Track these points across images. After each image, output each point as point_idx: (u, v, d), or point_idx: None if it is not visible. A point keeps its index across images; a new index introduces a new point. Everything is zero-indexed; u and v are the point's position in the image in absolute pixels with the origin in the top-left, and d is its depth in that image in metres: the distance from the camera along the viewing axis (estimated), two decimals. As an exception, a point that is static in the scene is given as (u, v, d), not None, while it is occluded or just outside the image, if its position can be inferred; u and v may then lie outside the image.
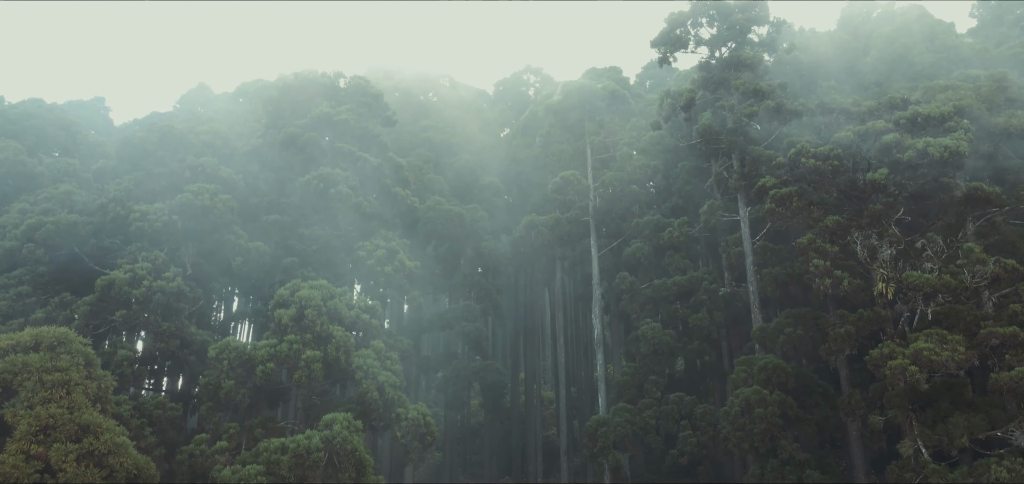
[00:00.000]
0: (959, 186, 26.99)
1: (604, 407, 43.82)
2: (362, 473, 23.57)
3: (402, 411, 26.02)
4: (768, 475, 30.00)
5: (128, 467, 21.04)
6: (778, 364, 31.27)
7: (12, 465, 19.41)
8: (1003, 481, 21.35)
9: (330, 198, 33.58)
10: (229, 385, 24.42)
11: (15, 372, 21.30)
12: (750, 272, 34.11)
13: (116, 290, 25.73)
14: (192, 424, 30.37)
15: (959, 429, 24.78)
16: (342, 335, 25.47)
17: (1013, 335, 24.25)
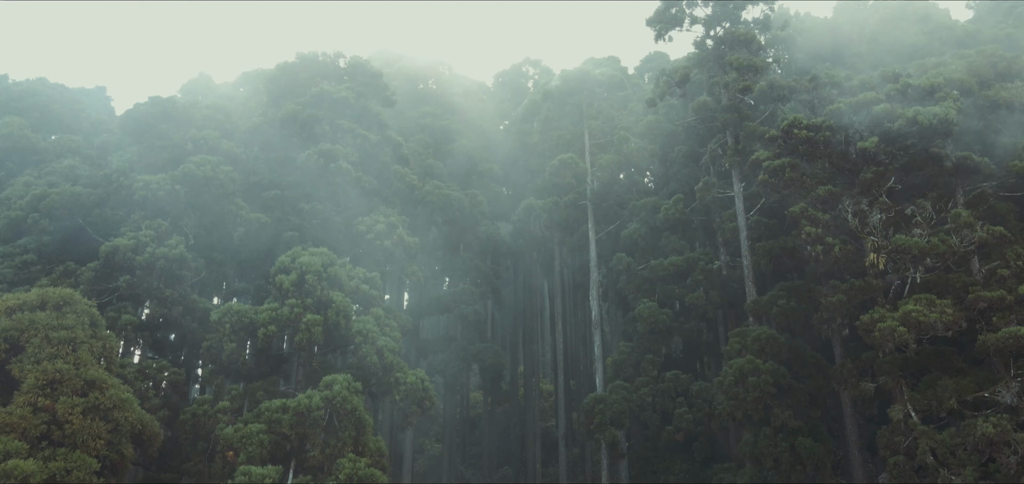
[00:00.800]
0: (949, 157, 27.44)
1: (601, 387, 44.25)
2: (362, 432, 24.03)
3: (401, 376, 26.48)
4: (761, 443, 30.44)
5: (132, 421, 21.52)
6: (771, 335, 31.73)
7: (19, 415, 19.89)
8: (989, 435, 21.80)
9: (331, 173, 34.03)
10: (231, 348, 24.90)
11: (22, 329, 21.78)
12: (744, 246, 34.58)
13: (120, 256, 26.20)
14: (194, 394, 30.83)
15: (948, 392, 25.23)
16: (342, 300, 25.94)
17: (1000, 298, 24.72)
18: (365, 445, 23.95)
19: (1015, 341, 23.08)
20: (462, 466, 62.86)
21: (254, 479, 21.29)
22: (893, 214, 26.46)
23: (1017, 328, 23.08)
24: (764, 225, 35.13)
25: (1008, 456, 21.33)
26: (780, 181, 28.79)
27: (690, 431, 37.79)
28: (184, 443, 24.51)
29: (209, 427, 23.82)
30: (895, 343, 24.14)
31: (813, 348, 34.11)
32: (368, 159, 36.56)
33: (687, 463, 40.43)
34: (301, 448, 23.79)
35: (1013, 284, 24.89)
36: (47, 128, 35.71)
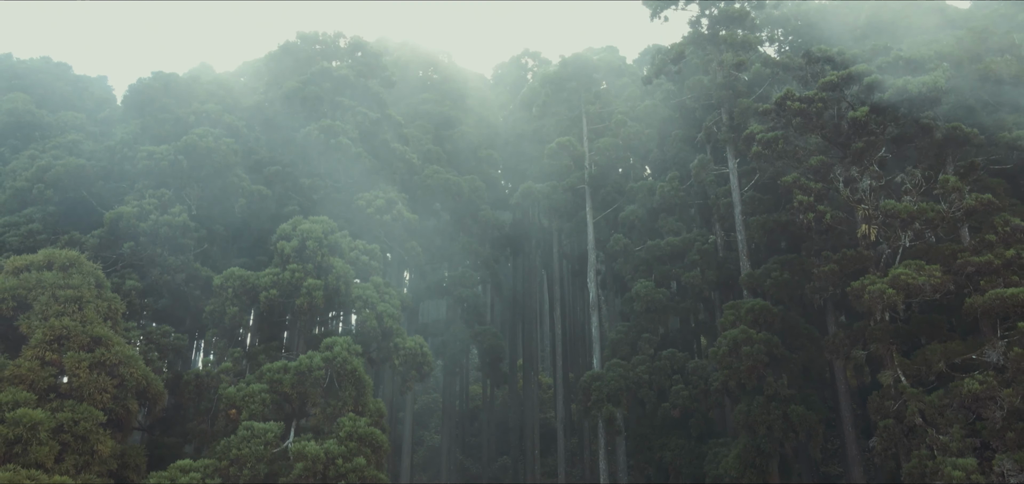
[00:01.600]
0: (939, 127, 27.92)
1: (599, 367, 44.72)
2: (362, 393, 24.52)
3: (400, 341, 26.96)
4: (754, 411, 30.92)
5: (138, 377, 21.99)
6: (764, 306, 32.23)
7: (28, 368, 20.37)
8: (975, 392, 22.30)
9: (331, 150, 34.50)
10: (233, 311, 25.37)
11: (29, 288, 22.25)
12: (738, 222, 35.07)
13: (124, 223, 26.68)
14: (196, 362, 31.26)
15: (936, 355, 25.75)
16: (342, 266, 26.42)
17: (987, 263, 25.22)
18: (365, 405, 24.45)
19: (1001, 302, 23.57)
20: (461, 456, 63.31)
21: (256, 433, 21.80)
22: (883, 183, 26.94)
23: (1003, 290, 23.56)
24: (758, 200, 35.63)
25: (994, 411, 21.83)
26: (773, 152, 29.28)
27: (686, 407, 38.21)
28: (187, 404, 25.00)
29: (212, 388, 24.30)
30: (884, 305, 24.62)
31: (806, 321, 34.63)
32: (368, 137, 37.02)
33: (683, 439, 40.90)
34: (302, 408, 24.29)
35: (1000, 249, 25.38)
36: (50, 106, 36.16)
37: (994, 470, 21.14)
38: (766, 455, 30.75)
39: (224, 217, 31.68)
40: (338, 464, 22.03)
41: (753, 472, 31.43)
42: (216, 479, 20.91)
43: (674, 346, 42.15)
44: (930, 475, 22.34)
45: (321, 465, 21.73)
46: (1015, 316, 23.14)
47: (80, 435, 19.88)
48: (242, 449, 21.17)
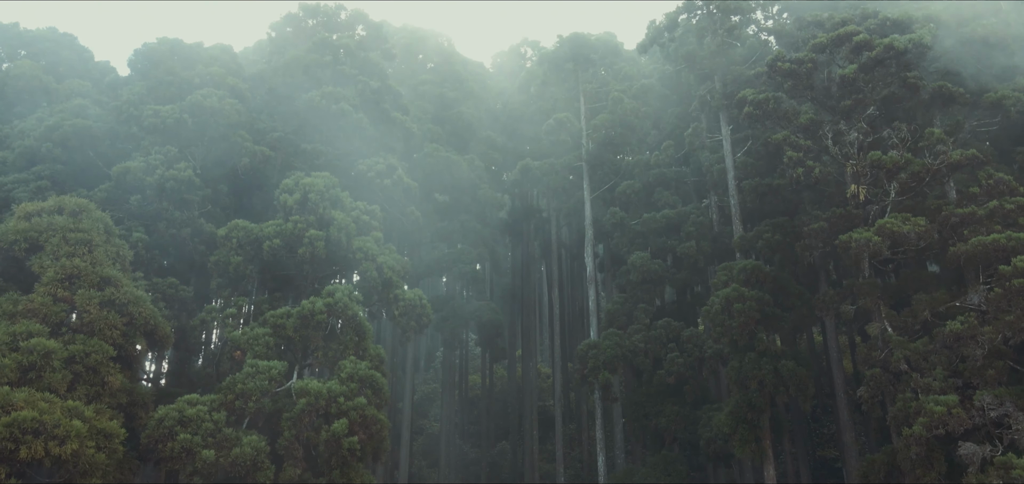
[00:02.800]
0: (925, 86, 28.63)
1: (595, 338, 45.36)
2: (362, 338, 25.25)
3: (400, 292, 27.71)
4: (746, 367, 31.60)
5: (146, 316, 22.71)
6: (756, 265, 32.94)
7: (40, 303, 21.09)
8: (957, 331, 23.02)
9: (333, 117, 35.20)
10: (237, 260, 26.08)
11: (41, 231, 22.98)
12: (731, 186, 35.81)
13: (131, 177, 27.40)
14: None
15: (922, 305, 26.46)
16: (343, 218, 27.15)
17: (971, 214, 25.96)
18: (366, 350, 25.18)
19: (983, 249, 24.28)
20: (460, 441, 64.01)
21: (261, 370, 22.53)
22: (871, 139, 27.67)
23: (985, 237, 24.27)
24: (751, 166, 36.36)
25: (974, 349, 22.54)
26: (764, 113, 29.99)
27: (681, 375, 38.86)
28: (193, 350, 25.71)
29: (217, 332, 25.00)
30: (870, 253, 25.34)
31: (798, 282, 35.35)
32: (370, 106, 37.73)
33: (678, 405, 41.60)
34: (305, 351, 25.01)
35: (983, 200, 26.12)
36: (57, 74, 36.85)
37: (974, 405, 21.85)
38: (757, 409, 31.43)
39: (228, 178, 32.39)
40: (340, 402, 22.75)
41: (745, 428, 32.11)
42: (222, 412, 21.62)
43: (670, 317, 42.90)
44: (913, 414, 23.03)
45: (323, 401, 22.44)
46: (997, 262, 23.84)
47: (91, 367, 20.59)
48: (247, 384, 21.90)
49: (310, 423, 22.26)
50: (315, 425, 22.42)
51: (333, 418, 22.45)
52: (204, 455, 20.33)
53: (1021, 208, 25.46)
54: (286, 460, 22.04)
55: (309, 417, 22.17)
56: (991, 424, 21.63)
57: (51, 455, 17.54)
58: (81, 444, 17.98)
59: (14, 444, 17.09)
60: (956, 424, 21.63)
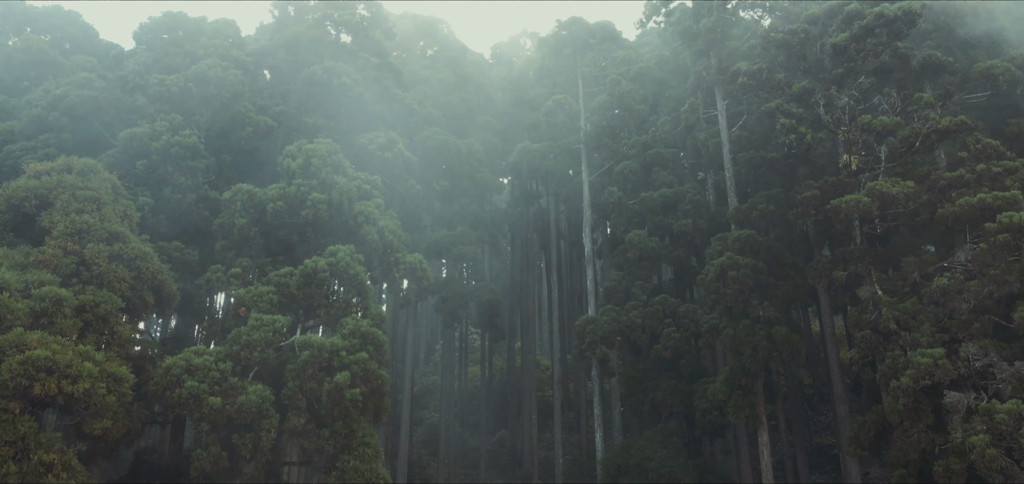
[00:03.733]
0: (915, 55, 29.21)
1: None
2: (364, 297, 25.85)
3: (400, 256, 28.29)
4: (740, 334, 32.21)
5: (153, 271, 23.30)
6: (751, 235, 33.54)
7: (51, 255, 21.68)
8: (944, 287, 23.61)
9: (334, 92, 35.77)
10: (242, 223, 26.66)
11: (51, 188, 23.56)
12: (727, 160, 36.39)
13: (137, 143, 27.97)
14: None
15: (911, 267, 27.07)
16: (345, 183, 27.72)
17: (959, 177, 26.55)
18: (367, 308, 25.78)
19: (970, 210, 24.86)
20: (460, 429, 64.58)
21: (265, 322, 23.11)
22: (863, 107, 28.25)
23: (972, 197, 24.85)
24: (746, 139, 36.96)
25: (960, 303, 23.12)
26: (758, 83, 30.55)
27: (677, 349, 39.43)
28: (199, 303, 26.27)
29: (222, 290, 25.56)
30: (861, 214, 25.92)
31: (791, 250, 35.97)
32: (370, 82, 38.30)
33: (675, 380, 42.18)
34: (308, 309, 25.58)
35: (971, 164, 26.71)
36: (62, 50, 37.42)
37: (960, 357, 22.43)
38: (751, 375, 32.02)
39: (232, 150, 32.95)
40: (342, 356, 23.34)
41: (739, 394, 32.70)
42: (227, 363, 22.21)
43: (667, 294, 43.44)
44: (901, 369, 23.60)
45: (326, 354, 23.03)
46: (984, 221, 24.40)
47: (101, 316, 21.17)
48: (252, 335, 22.48)
49: (313, 375, 22.84)
50: (318, 378, 23.01)
51: (335, 371, 23.04)
52: (211, 402, 20.91)
53: (1008, 171, 26.06)
54: (290, 410, 22.64)
55: (312, 369, 22.75)
56: (976, 375, 22.21)
57: (64, 393, 18.12)
58: (92, 384, 18.56)
59: (28, 381, 17.68)
60: (942, 375, 22.21)
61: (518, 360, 66.28)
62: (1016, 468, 19.87)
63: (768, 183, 37.62)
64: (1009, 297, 23.12)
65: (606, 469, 39.17)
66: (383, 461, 24.00)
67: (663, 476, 36.80)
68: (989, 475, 20.11)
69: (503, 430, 62.99)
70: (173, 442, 30.85)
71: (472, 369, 77.65)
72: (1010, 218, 22.50)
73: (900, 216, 29.05)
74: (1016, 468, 19.87)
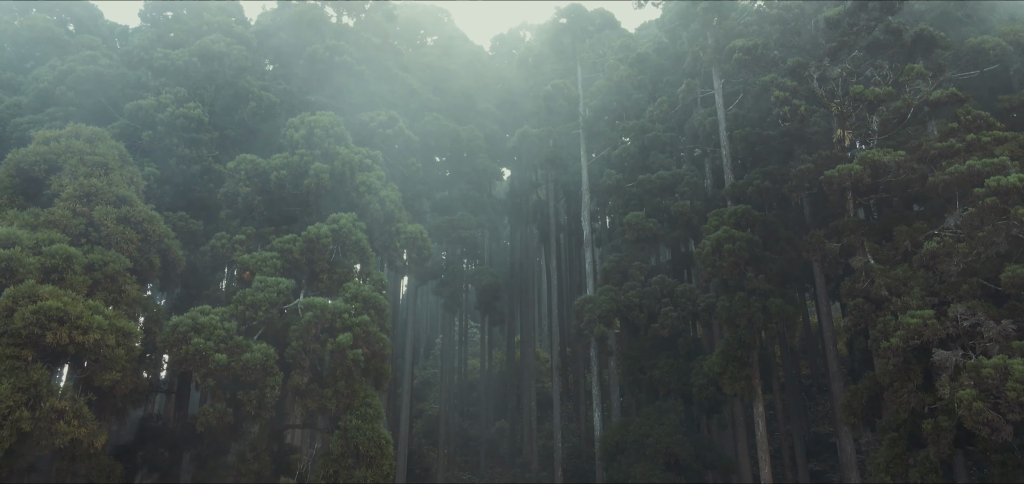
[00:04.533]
0: (907, 31, 29.72)
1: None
2: (366, 262, 26.37)
3: (401, 226, 28.81)
4: (735, 305, 32.73)
5: (160, 234, 23.81)
6: (746, 209, 34.06)
7: (60, 215, 22.18)
8: (933, 250, 24.13)
9: (335, 71, 36.29)
10: (246, 191, 27.18)
11: (59, 153, 24.05)
12: (723, 138, 36.91)
13: (143, 114, 28.47)
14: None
15: (902, 236, 27.57)
16: (347, 153, 28.24)
17: (950, 147, 27.06)
18: (369, 273, 26.30)
19: (960, 177, 25.37)
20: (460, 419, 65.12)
21: (270, 284, 23.63)
22: (856, 79, 28.77)
23: (961, 165, 25.37)
24: (742, 117, 37.50)
25: (949, 265, 23.64)
26: (753, 59, 31.08)
27: (675, 327, 39.91)
28: (203, 274, 26.78)
29: (227, 257, 26.08)
30: (853, 182, 26.44)
31: (785, 225, 36.51)
32: (372, 62, 38.83)
33: (672, 358, 42.69)
34: (312, 274, 26.09)
35: (962, 134, 27.23)
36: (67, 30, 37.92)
37: (949, 317, 22.95)
38: (747, 346, 32.51)
39: (236, 126, 33.45)
40: (344, 317, 23.85)
41: (735, 365, 33.20)
42: (233, 322, 22.72)
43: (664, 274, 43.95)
44: (892, 332, 24.11)
45: (329, 315, 23.55)
46: (974, 187, 24.89)
47: (109, 275, 21.68)
48: (257, 296, 22.99)
49: (316, 335, 23.35)
50: (321, 339, 23.51)
51: (338, 332, 23.54)
52: (216, 358, 21.42)
53: (998, 140, 26.57)
54: (294, 369, 23.17)
55: (315, 330, 23.25)
56: (964, 334, 22.73)
57: (75, 343, 18.65)
58: (102, 336, 19.08)
59: (40, 330, 18.20)
60: (931, 334, 22.73)
61: (518, 353, 66.80)
62: (1002, 420, 20.39)
63: (764, 161, 38.13)
64: (997, 259, 23.65)
65: (604, 446, 39.64)
66: (384, 423, 24.49)
67: (660, 452, 37.23)
68: (976, 428, 20.63)
69: (503, 420, 63.55)
70: (178, 411, 31.36)
71: (472, 362, 78.22)
72: (998, 182, 23.01)
73: (892, 188, 29.58)
74: (1002, 420, 20.39)
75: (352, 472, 23.33)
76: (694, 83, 39.31)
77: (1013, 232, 22.58)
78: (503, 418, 63.65)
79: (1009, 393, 20.05)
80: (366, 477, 23.23)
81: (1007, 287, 22.42)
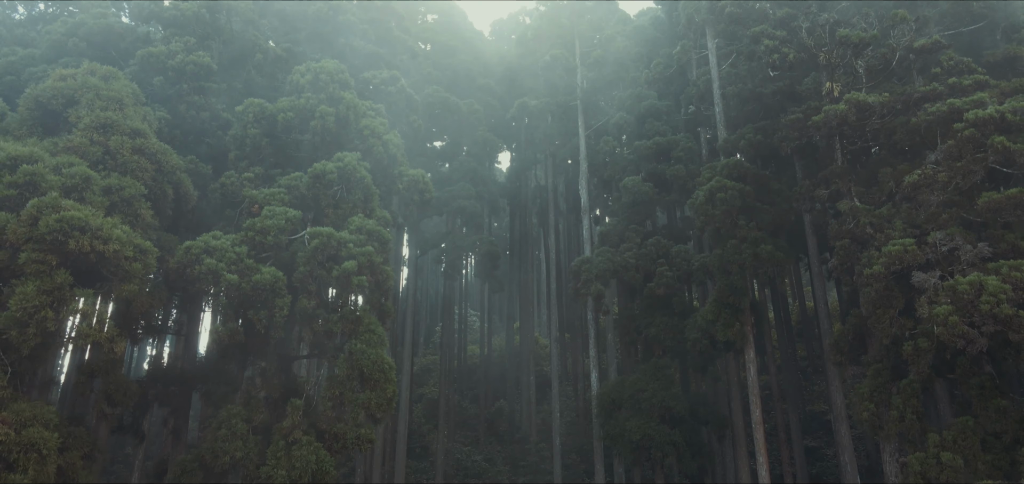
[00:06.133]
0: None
1: (589, 259, 47.22)
2: (370, 200, 27.37)
3: (404, 169, 29.84)
4: (728, 252, 33.77)
5: (173, 165, 24.82)
6: (739, 161, 35.11)
7: (78, 142, 23.18)
8: (914, 181, 25.16)
9: (338, 29, 37.28)
10: (254, 133, 28.19)
11: (76, 88, 25.07)
12: (717, 96, 37.96)
13: (154, 60, 29.48)
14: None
15: (887, 177, 28.62)
16: (352, 98, 29.26)
17: (933, 90, 28.10)
18: (372, 210, 27.31)
19: (941, 117, 26.41)
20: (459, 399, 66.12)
21: (278, 213, 24.64)
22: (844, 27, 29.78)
23: (943, 104, 26.39)
24: (735, 76, 38.53)
25: (929, 195, 24.67)
26: (744, 12, 32.07)
27: (670, 287, 40.92)
28: (213, 215, 27.79)
29: (236, 195, 27.08)
30: (839, 122, 27.46)
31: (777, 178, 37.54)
32: (373, 23, 39.85)
33: (667, 317, 43.77)
34: (317, 210, 27.10)
35: (944, 78, 28.27)
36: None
37: (928, 244, 23.98)
38: (739, 292, 33.55)
39: (243, 80, 34.48)
40: (349, 247, 24.86)
41: (727, 312, 34.21)
42: (243, 247, 23.74)
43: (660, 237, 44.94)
44: (876, 261, 25.12)
45: (334, 243, 24.56)
46: (954, 124, 25.91)
47: (126, 199, 22.69)
48: (266, 222, 24.01)
49: (321, 262, 24.35)
50: (326, 265, 24.53)
51: (343, 260, 24.56)
52: (228, 278, 22.43)
53: (979, 84, 27.59)
54: (301, 293, 24.17)
55: (321, 256, 24.26)
56: (943, 259, 23.76)
57: (95, 251, 19.66)
58: (121, 246, 20.09)
59: (63, 237, 19.21)
60: (911, 259, 23.76)
61: (517, 338, 67.70)
62: (976, 333, 21.43)
63: (757, 120, 39.20)
64: (975, 191, 24.67)
65: (601, 403, 40.55)
66: (388, 351, 25.51)
67: (656, 406, 38.18)
68: (952, 340, 21.67)
69: (502, 400, 64.47)
70: (186, 353, 32.40)
71: (471, 348, 79.14)
72: (976, 114, 24.04)
73: (879, 135, 30.59)
74: (976, 333, 21.43)
75: (357, 394, 24.35)
76: (689, 44, 40.35)
77: (990, 162, 23.61)
78: (502, 399, 64.59)
79: (983, 306, 21.08)
80: (371, 399, 24.25)
81: (983, 213, 23.45)
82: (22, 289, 18.42)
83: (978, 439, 23.31)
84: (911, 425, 24.66)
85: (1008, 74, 31.39)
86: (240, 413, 23.86)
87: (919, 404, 25.03)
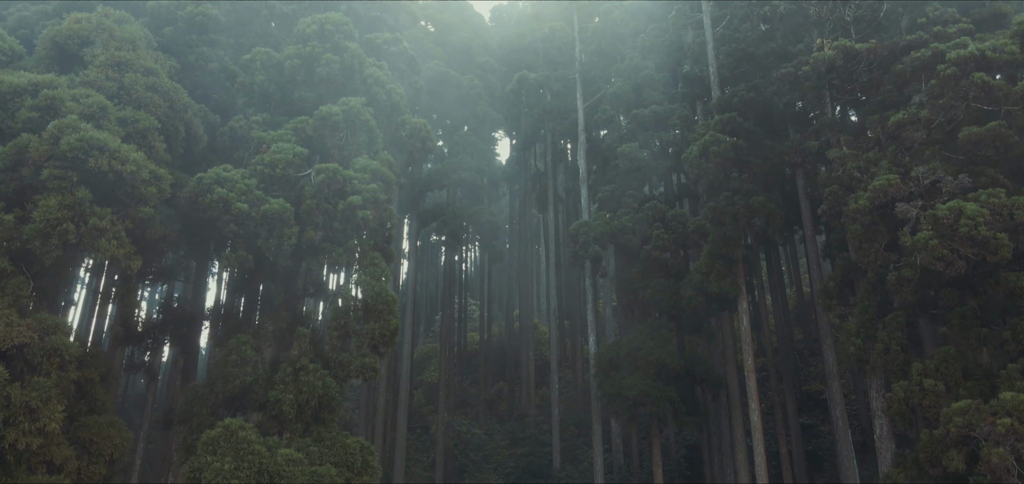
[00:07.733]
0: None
1: (587, 227, 48.03)
2: (374, 142, 28.35)
3: (406, 117, 30.81)
4: (721, 204, 34.73)
5: (185, 103, 25.79)
6: (732, 117, 36.03)
7: (94, 78, 24.15)
8: (899, 120, 26.12)
9: (341, -8, 38.21)
10: (261, 79, 29.16)
11: (90, 29, 26.03)
12: (710, 56, 38.94)
13: (164, 11, 30.46)
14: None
15: (874, 124, 29.57)
16: (356, 48, 30.22)
17: (919, 38, 29.06)
18: (376, 153, 28.28)
19: (925, 62, 27.34)
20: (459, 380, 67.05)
21: (286, 149, 25.62)
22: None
23: (927, 50, 27.34)
24: (729, 37, 39.52)
25: (913, 133, 25.62)
26: (737, -31, 33.06)
27: (666, 249, 41.84)
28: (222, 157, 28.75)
29: (244, 137, 28.06)
30: (826, 68, 28.43)
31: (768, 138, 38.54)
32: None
33: (663, 278, 44.69)
34: (323, 152, 28.06)
35: (929, 27, 29.23)
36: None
37: (911, 177, 24.93)
38: (732, 242, 34.47)
39: (250, 37, 35.43)
40: (354, 183, 25.84)
41: (721, 263, 35.15)
42: (252, 180, 24.72)
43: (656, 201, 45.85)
44: (862, 196, 26.06)
45: (340, 178, 25.53)
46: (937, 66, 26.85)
47: (140, 130, 23.65)
48: (274, 156, 24.99)
49: (327, 196, 25.32)
50: (332, 200, 25.50)
51: (348, 195, 25.54)
52: (238, 206, 23.41)
53: (962, 31, 28.53)
54: (308, 224, 25.14)
55: (327, 190, 25.24)
56: (926, 192, 24.71)
57: (114, 170, 20.64)
58: (138, 167, 21.06)
59: (83, 155, 20.18)
60: (895, 192, 24.71)
61: (516, 325, 68.56)
62: (955, 256, 22.38)
63: (750, 79, 40.18)
64: (957, 129, 25.59)
65: (599, 363, 41.35)
66: (390, 283, 26.47)
67: (652, 363, 39.07)
68: (932, 264, 22.62)
69: (501, 382, 65.29)
70: (195, 298, 33.39)
71: (471, 335, 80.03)
72: (958, 54, 24.99)
73: (867, 88, 31.55)
74: (955, 256, 22.38)
75: (362, 324, 25.32)
76: (684, 8, 41.34)
77: (971, 98, 24.56)
78: (502, 381, 65.43)
79: (962, 230, 22.03)
80: (374, 329, 25.22)
81: (964, 147, 24.39)
82: (45, 202, 19.39)
83: (960, 366, 24.23)
84: (895, 357, 25.59)
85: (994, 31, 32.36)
86: (249, 341, 24.84)
87: (904, 336, 25.97)
